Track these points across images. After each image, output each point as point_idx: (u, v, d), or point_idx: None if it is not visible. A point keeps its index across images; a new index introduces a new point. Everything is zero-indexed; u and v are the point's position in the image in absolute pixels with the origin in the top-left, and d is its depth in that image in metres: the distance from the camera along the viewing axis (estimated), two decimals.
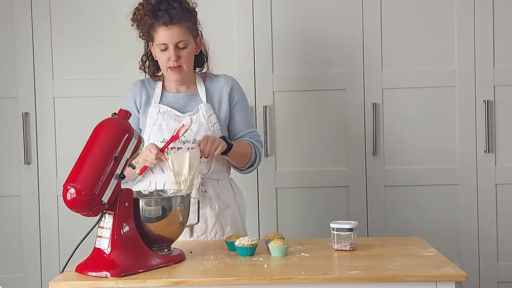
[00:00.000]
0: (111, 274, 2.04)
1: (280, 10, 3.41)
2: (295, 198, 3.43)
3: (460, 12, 3.37)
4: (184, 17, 2.58)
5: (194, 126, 2.62)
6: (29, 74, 3.44)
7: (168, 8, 2.56)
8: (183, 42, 2.59)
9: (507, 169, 3.39)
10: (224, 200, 2.68)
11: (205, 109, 2.66)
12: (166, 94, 2.70)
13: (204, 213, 2.64)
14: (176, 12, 2.56)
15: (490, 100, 3.37)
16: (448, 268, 2.07)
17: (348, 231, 2.33)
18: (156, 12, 2.56)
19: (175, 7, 2.56)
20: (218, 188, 2.67)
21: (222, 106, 2.70)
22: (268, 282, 2.01)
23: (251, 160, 2.72)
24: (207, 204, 2.64)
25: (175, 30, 2.56)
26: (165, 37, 2.57)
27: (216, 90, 2.71)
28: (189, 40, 2.60)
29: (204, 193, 2.63)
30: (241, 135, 2.73)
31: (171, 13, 2.55)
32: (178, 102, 2.68)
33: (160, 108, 2.65)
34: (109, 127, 2.14)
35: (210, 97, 2.70)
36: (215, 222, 2.65)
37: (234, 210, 2.71)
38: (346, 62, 3.40)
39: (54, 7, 3.44)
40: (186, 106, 2.67)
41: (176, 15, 2.56)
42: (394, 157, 3.41)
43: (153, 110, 2.66)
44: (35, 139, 3.45)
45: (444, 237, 3.37)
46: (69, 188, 2.03)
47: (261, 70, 3.38)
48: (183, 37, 2.58)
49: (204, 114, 2.65)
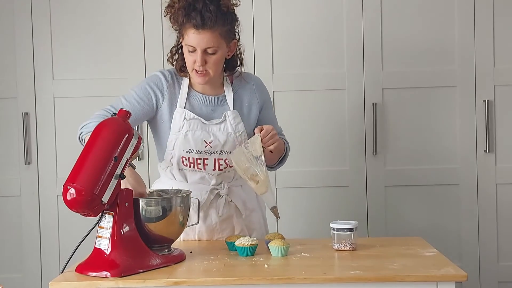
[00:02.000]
0: (111, 274, 2.04)
1: (280, 10, 3.41)
2: (295, 198, 3.43)
3: (460, 12, 3.37)
4: (219, 22, 2.37)
5: (221, 136, 2.49)
6: (29, 74, 3.45)
7: (203, 9, 2.36)
8: (213, 48, 2.39)
9: (507, 169, 3.39)
10: (249, 206, 2.61)
11: (233, 117, 2.51)
12: (193, 94, 2.52)
13: (231, 222, 2.58)
14: (210, 16, 2.35)
15: (490, 100, 3.37)
16: (449, 268, 2.07)
17: (348, 231, 2.33)
18: (190, 11, 2.37)
19: (211, 10, 2.36)
20: (243, 194, 2.60)
21: (252, 112, 2.57)
22: (268, 282, 2.01)
23: (283, 156, 2.61)
24: (233, 213, 2.58)
25: (205, 35, 2.37)
26: (194, 40, 2.38)
27: (245, 95, 2.57)
28: (220, 46, 2.41)
29: (229, 203, 2.57)
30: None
31: (205, 16, 2.35)
32: (206, 106, 2.52)
33: (185, 114, 2.48)
34: (109, 127, 2.14)
35: (239, 101, 2.55)
36: (241, 229, 2.59)
37: (258, 214, 2.65)
38: (346, 62, 3.40)
39: (54, 7, 3.44)
40: (213, 112, 2.53)
41: (210, 19, 2.35)
42: (394, 157, 3.41)
43: (178, 115, 2.49)
44: (35, 139, 3.45)
45: (444, 237, 3.37)
46: (69, 188, 2.02)
47: (262, 70, 3.38)
48: (213, 43, 2.38)
49: (232, 123, 2.50)
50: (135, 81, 3.10)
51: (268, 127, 2.42)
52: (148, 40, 3.42)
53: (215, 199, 2.55)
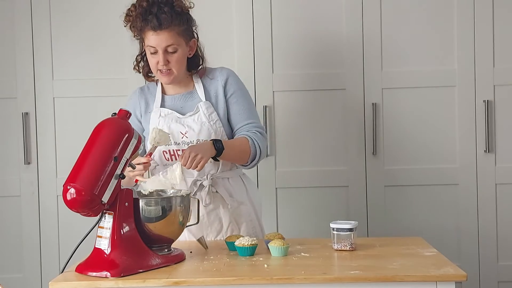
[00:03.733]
0: (111, 274, 2.04)
1: (280, 10, 3.41)
2: (295, 198, 3.43)
3: (460, 12, 3.37)
4: (175, 22, 2.53)
5: (196, 126, 2.60)
6: (29, 74, 3.44)
7: (158, 12, 2.52)
8: (173, 47, 2.55)
9: (507, 169, 3.39)
10: (237, 198, 2.66)
11: (205, 107, 2.63)
12: (165, 98, 2.68)
13: (218, 213, 2.63)
14: (166, 16, 2.51)
15: (490, 100, 3.37)
16: (448, 268, 2.07)
17: (348, 231, 2.33)
18: (146, 16, 2.53)
19: (165, 11, 2.52)
20: (230, 187, 2.66)
21: (219, 100, 2.66)
22: (268, 282, 2.01)
23: (251, 155, 2.63)
24: (220, 204, 2.63)
25: (164, 35, 2.53)
26: (154, 41, 2.54)
27: (212, 85, 2.68)
28: (179, 44, 2.56)
29: (215, 193, 2.62)
30: (238, 127, 2.66)
31: (161, 17, 2.51)
32: (176, 104, 2.67)
33: (161, 112, 2.64)
34: (109, 127, 2.14)
35: (208, 93, 2.67)
36: (229, 221, 2.64)
37: (248, 207, 2.69)
38: (346, 62, 3.40)
39: (54, 7, 3.44)
40: (185, 107, 2.66)
41: (166, 20, 2.52)
42: (394, 157, 3.41)
43: (154, 114, 2.65)
44: (35, 139, 3.45)
45: (444, 237, 3.37)
46: (69, 188, 2.03)
47: (261, 70, 3.38)
48: (173, 42, 2.54)
49: (205, 113, 2.62)
50: (135, 81, 3.12)
51: (184, 153, 2.45)
52: None
53: (198, 191, 2.60)
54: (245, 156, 2.63)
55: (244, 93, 2.71)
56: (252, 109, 2.72)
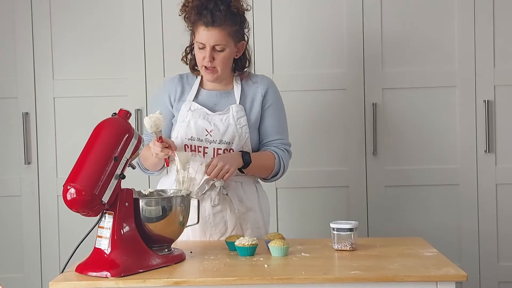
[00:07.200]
0: (111, 274, 2.04)
1: (281, 10, 3.41)
2: (295, 198, 3.43)
3: (460, 12, 3.37)
4: (228, 21, 2.53)
5: (222, 126, 2.59)
6: (29, 74, 3.45)
7: (214, 9, 2.52)
8: (221, 46, 2.55)
9: (507, 169, 3.39)
10: (247, 203, 2.64)
11: (236, 110, 2.62)
12: (201, 91, 2.68)
13: (224, 216, 2.61)
14: (220, 14, 2.51)
15: (490, 100, 3.37)
16: (449, 268, 2.07)
17: (348, 231, 2.33)
18: (202, 10, 2.53)
19: (221, 9, 2.52)
20: (241, 191, 2.64)
21: (254, 107, 2.65)
22: (268, 282, 2.01)
23: (274, 171, 2.66)
24: (227, 207, 2.61)
25: (214, 32, 2.53)
26: (203, 37, 2.54)
27: (251, 91, 2.67)
28: (227, 44, 2.56)
29: (225, 196, 2.60)
30: (268, 140, 2.67)
31: (215, 14, 2.51)
32: (210, 100, 2.65)
33: (191, 106, 2.63)
34: (109, 127, 2.14)
35: (244, 97, 2.66)
36: (234, 225, 2.62)
37: (256, 214, 2.67)
38: (346, 62, 3.40)
39: (54, 7, 3.44)
40: (217, 105, 2.64)
41: (219, 17, 2.51)
42: (394, 157, 3.41)
43: (184, 107, 2.64)
44: (35, 139, 3.45)
45: (444, 237, 3.37)
46: (69, 188, 2.03)
47: (261, 70, 3.38)
48: (221, 41, 2.54)
49: (234, 115, 2.61)
50: (135, 81, 3.12)
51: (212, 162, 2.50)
52: (148, 40, 3.42)
53: (209, 190, 2.59)
54: (268, 172, 2.67)
55: (280, 107, 2.73)
56: (284, 125, 2.73)
